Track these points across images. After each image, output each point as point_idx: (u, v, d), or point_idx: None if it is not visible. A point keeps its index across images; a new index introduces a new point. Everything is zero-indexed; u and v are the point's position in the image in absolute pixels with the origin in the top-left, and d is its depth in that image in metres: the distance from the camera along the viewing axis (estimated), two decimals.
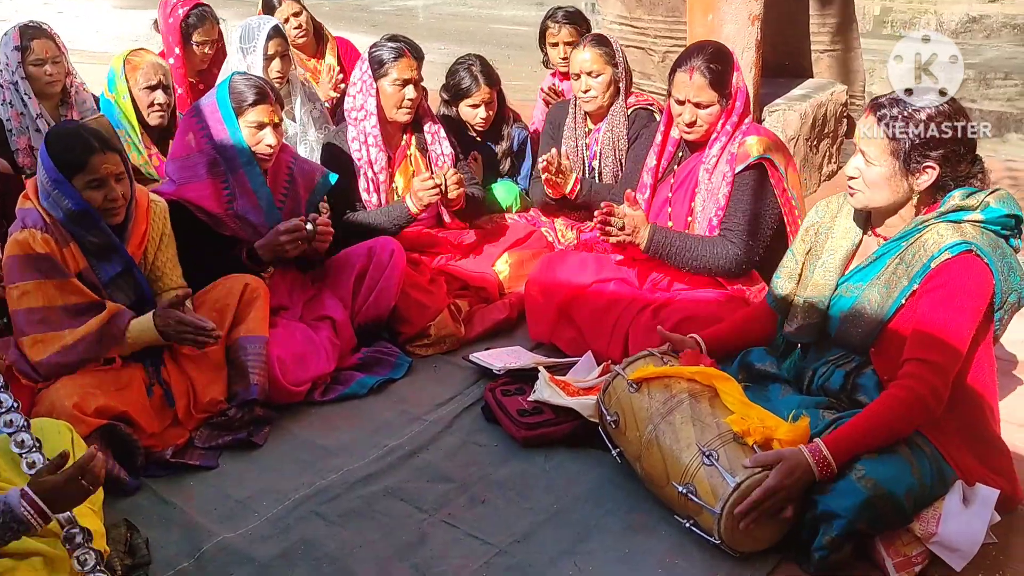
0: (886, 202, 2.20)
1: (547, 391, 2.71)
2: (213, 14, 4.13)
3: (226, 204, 3.00)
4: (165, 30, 4.02)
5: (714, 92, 2.86)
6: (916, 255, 2.14)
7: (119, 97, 3.42)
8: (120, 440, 2.49)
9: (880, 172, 2.16)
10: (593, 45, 3.55)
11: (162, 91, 3.43)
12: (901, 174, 2.15)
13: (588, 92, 3.56)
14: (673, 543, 2.22)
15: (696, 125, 2.92)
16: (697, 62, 2.85)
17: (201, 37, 4.03)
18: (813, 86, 4.60)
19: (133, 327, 2.58)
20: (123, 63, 3.42)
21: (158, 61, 3.49)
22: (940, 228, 2.13)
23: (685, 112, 2.90)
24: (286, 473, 2.58)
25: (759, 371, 2.49)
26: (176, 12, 4.00)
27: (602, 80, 3.54)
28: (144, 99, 3.42)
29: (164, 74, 3.45)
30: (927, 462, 2.07)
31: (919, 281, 2.13)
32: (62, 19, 10.71)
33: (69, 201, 2.50)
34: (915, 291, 2.14)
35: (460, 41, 8.95)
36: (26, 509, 1.73)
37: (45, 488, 1.76)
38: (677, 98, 2.90)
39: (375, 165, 3.43)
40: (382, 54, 3.40)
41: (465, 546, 2.28)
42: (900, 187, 2.17)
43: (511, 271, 3.53)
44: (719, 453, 2.13)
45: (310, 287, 3.26)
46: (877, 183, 2.18)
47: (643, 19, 4.69)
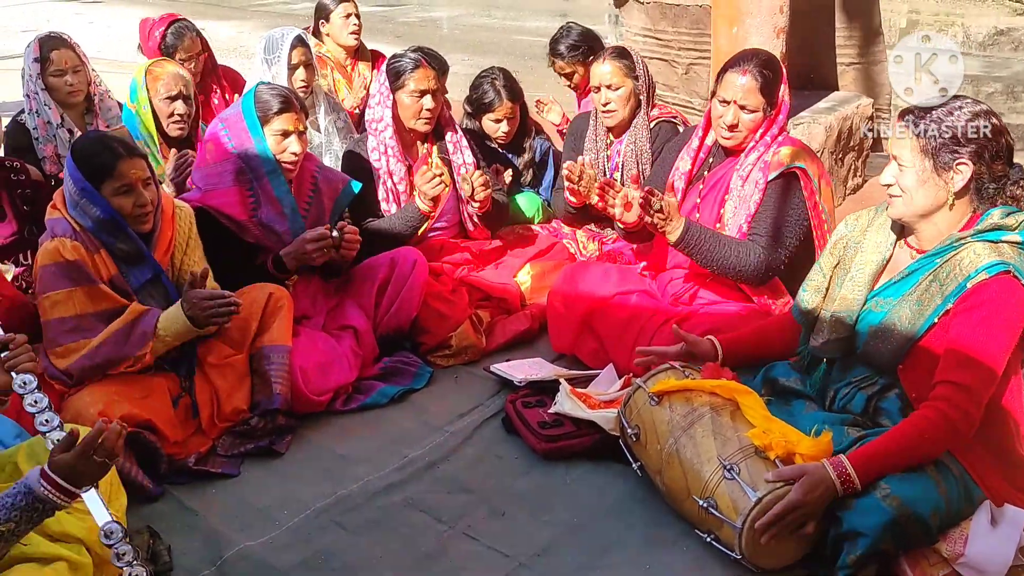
0: (924, 207, 2.17)
1: (568, 403, 2.70)
2: (191, 27, 4.08)
3: (251, 212, 3.02)
4: (148, 54, 3.99)
5: (762, 98, 2.85)
6: (951, 273, 2.11)
7: (140, 107, 3.42)
8: (144, 447, 2.51)
9: (914, 175, 2.14)
10: (613, 58, 3.53)
11: (182, 102, 3.43)
12: (935, 173, 2.12)
13: (608, 105, 3.54)
14: (694, 558, 2.21)
15: (736, 129, 2.89)
16: (750, 65, 2.85)
17: (183, 54, 3.99)
18: (839, 99, 4.57)
19: (163, 320, 2.58)
20: (144, 74, 3.43)
21: (179, 72, 3.49)
22: (977, 247, 2.10)
23: (728, 113, 2.88)
24: (307, 482, 2.59)
25: (783, 386, 2.47)
26: (153, 35, 3.98)
27: (622, 93, 3.52)
28: (164, 109, 3.42)
29: (185, 84, 3.45)
30: (954, 481, 2.05)
31: (954, 300, 2.10)
32: (93, 29, 10.87)
33: (97, 209, 2.53)
34: (949, 310, 2.10)
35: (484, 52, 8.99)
36: (46, 488, 1.75)
37: (60, 466, 1.78)
38: (723, 98, 2.89)
39: (394, 176, 3.44)
40: (399, 65, 3.41)
41: (485, 559, 2.27)
42: (936, 189, 2.14)
43: (533, 282, 3.53)
44: (740, 467, 2.11)
45: (333, 296, 3.27)
46: (913, 187, 2.15)
47: (667, 31, 4.69)
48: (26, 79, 3.56)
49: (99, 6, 14.09)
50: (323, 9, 4.56)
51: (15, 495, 1.75)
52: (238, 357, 2.79)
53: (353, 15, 4.52)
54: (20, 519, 1.74)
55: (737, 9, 3.84)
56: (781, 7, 3.84)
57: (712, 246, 2.86)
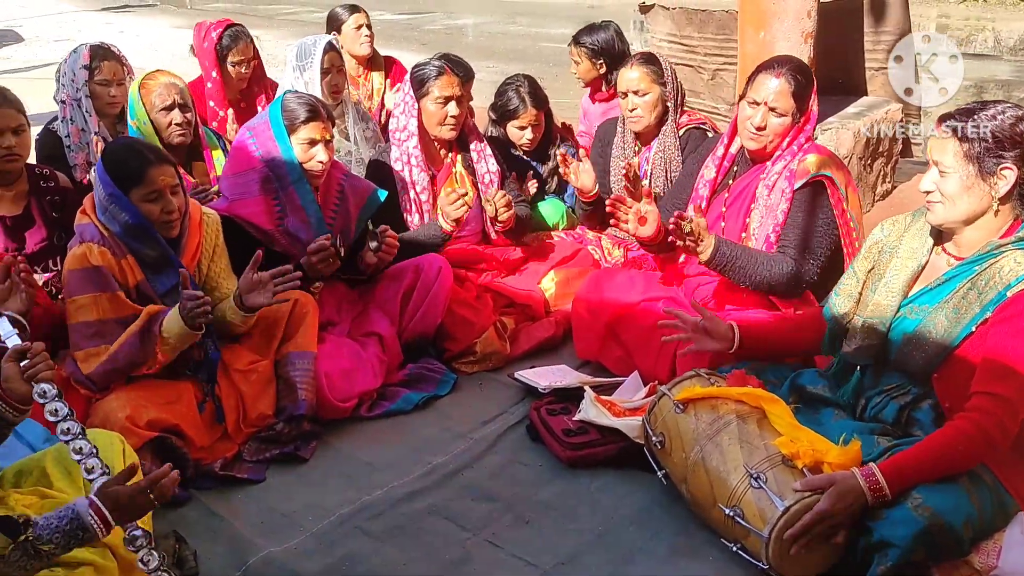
0: (966, 214, 2.13)
1: (593, 411, 2.68)
2: (246, 33, 4.15)
3: (277, 221, 3.04)
4: (201, 55, 4.06)
5: (792, 102, 2.83)
6: (990, 282, 2.08)
7: (139, 123, 3.38)
8: (171, 452, 2.53)
9: (958, 180, 2.10)
10: (641, 63, 3.51)
11: (178, 110, 3.37)
12: (979, 178, 2.09)
13: (634, 111, 3.52)
14: (720, 567, 2.19)
15: (764, 132, 2.86)
16: (784, 69, 2.84)
17: (236, 57, 4.06)
18: (867, 104, 4.52)
19: (166, 322, 2.56)
20: (138, 88, 3.38)
21: (171, 80, 3.42)
22: (1017, 255, 2.06)
23: (757, 115, 2.85)
24: (331, 488, 2.60)
25: (811, 394, 2.44)
26: (210, 36, 4.04)
27: (649, 99, 3.50)
28: (162, 121, 3.37)
29: (179, 92, 3.39)
30: (987, 491, 2.01)
31: (992, 309, 2.06)
32: (123, 38, 11.02)
33: (126, 215, 2.55)
34: (987, 319, 2.07)
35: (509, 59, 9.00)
36: (93, 518, 1.77)
37: (113, 497, 1.80)
38: (753, 99, 2.86)
39: (417, 186, 3.45)
40: (423, 73, 3.42)
41: (509, 567, 2.27)
42: (980, 194, 2.10)
43: (557, 289, 3.52)
44: (767, 476, 2.09)
45: (358, 303, 3.28)
46: (956, 193, 2.11)
47: (693, 37, 4.67)
48: (66, 84, 3.59)
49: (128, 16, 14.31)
50: (335, 20, 4.61)
51: (61, 518, 1.77)
52: (264, 363, 2.81)
53: (364, 26, 4.57)
54: (60, 543, 1.76)
55: (764, 13, 3.82)
56: (809, 11, 3.81)
57: (743, 262, 2.83)
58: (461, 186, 3.50)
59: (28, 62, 10.24)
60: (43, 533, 1.74)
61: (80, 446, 1.90)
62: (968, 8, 8.40)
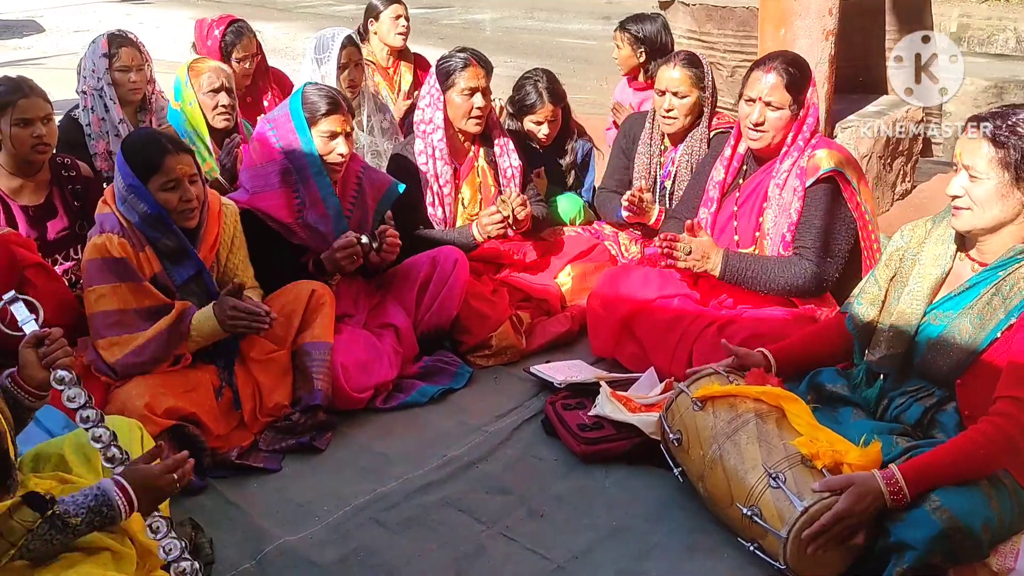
0: (995, 220, 2.10)
1: (608, 406, 2.68)
2: (249, 28, 4.17)
3: (297, 214, 3.05)
4: (205, 53, 4.06)
5: (787, 95, 2.81)
6: (1015, 287, 2.06)
7: (185, 104, 3.51)
8: (188, 440, 2.54)
9: (990, 187, 2.07)
10: (684, 65, 3.41)
11: (226, 93, 3.53)
12: (1012, 186, 2.05)
13: (671, 112, 3.44)
14: (736, 566, 2.18)
15: (763, 128, 2.85)
16: (775, 63, 2.84)
17: (241, 53, 4.07)
18: (888, 103, 4.49)
19: (195, 318, 2.61)
20: (187, 71, 3.52)
21: (220, 66, 3.59)
22: None
23: (754, 111, 2.84)
24: (347, 479, 2.60)
25: (830, 393, 2.42)
26: (212, 33, 4.06)
27: (687, 102, 3.42)
28: (209, 102, 3.51)
29: (227, 77, 3.55)
30: (1007, 495, 1.99)
31: (1018, 315, 2.04)
32: (143, 29, 11.06)
33: (144, 204, 2.57)
34: (1012, 325, 2.04)
35: (527, 55, 8.99)
36: (119, 496, 1.80)
37: (138, 477, 1.82)
38: (749, 96, 2.86)
39: (440, 179, 3.45)
40: (449, 65, 3.42)
41: (523, 560, 2.27)
42: (1011, 201, 2.07)
43: (574, 284, 3.51)
44: (786, 476, 2.08)
45: (375, 294, 3.29)
46: (988, 199, 2.08)
47: (712, 33, 4.63)
48: (87, 75, 3.63)
49: (149, 7, 14.37)
50: (373, 9, 4.62)
51: (87, 496, 1.80)
52: (280, 353, 2.82)
53: (403, 17, 4.59)
54: (86, 518, 1.78)
55: (785, 11, 3.79)
56: (830, 9, 3.78)
57: (757, 272, 2.81)
58: (483, 182, 3.50)
59: (48, 53, 10.30)
60: (70, 508, 1.76)
61: (99, 434, 1.91)
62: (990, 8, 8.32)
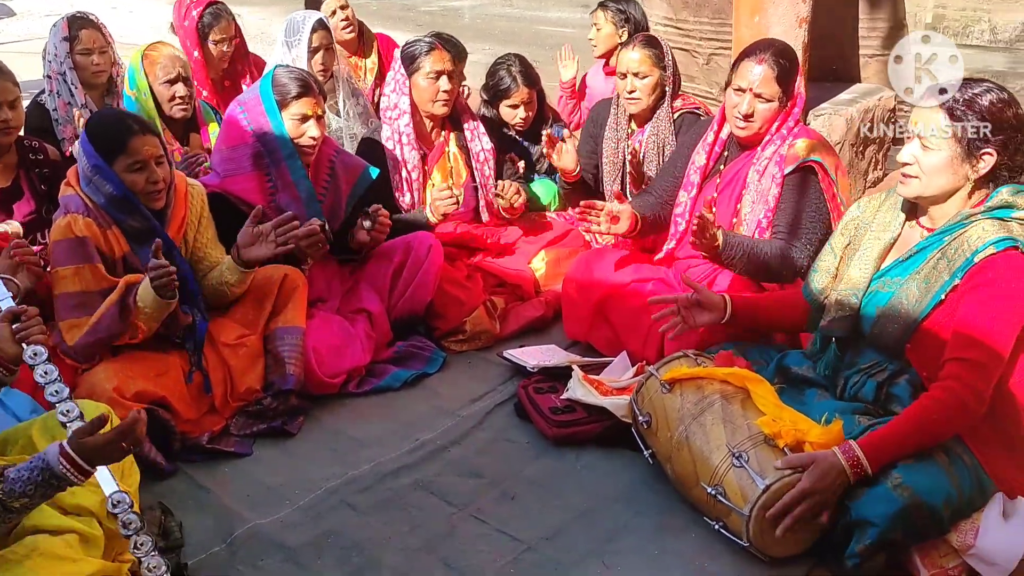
0: (940, 191, 2.14)
1: (580, 390, 2.70)
2: (227, 10, 4.08)
3: (269, 197, 3.03)
4: (182, 34, 4.00)
5: (777, 87, 2.82)
6: (959, 250, 2.09)
7: (140, 93, 3.39)
8: (157, 424, 2.52)
9: (940, 157, 2.10)
10: (643, 46, 3.47)
11: (182, 84, 3.41)
12: (961, 159, 2.09)
13: (633, 93, 3.50)
14: (703, 546, 2.20)
15: (751, 119, 2.86)
16: (766, 54, 2.82)
17: (218, 35, 3.99)
18: (861, 91, 4.51)
19: (140, 291, 2.53)
20: (141, 59, 3.39)
21: (176, 53, 3.45)
22: (985, 224, 2.07)
23: (743, 102, 2.84)
24: (318, 463, 2.61)
25: (796, 375, 2.45)
26: (191, 14, 3.97)
27: (648, 82, 3.48)
28: (165, 93, 3.40)
29: (183, 66, 3.42)
30: (966, 472, 2.03)
31: (961, 276, 2.07)
32: (116, 14, 10.91)
33: (110, 186, 2.53)
34: (956, 287, 2.08)
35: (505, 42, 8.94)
36: (64, 466, 1.77)
37: (85, 449, 1.80)
38: (739, 86, 2.85)
39: (408, 164, 3.44)
40: (414, 50, 3.41)
41: (494, 541, 2.28)
42: (959, 173, 2.11)
43: (548, 269, 3.53)
44: (749, 455, 2.11)
45: (348, 279, 3.28)
46: (937, 169, 2.11)
47: (688, 21, 4.64)
48: (50, 59, 3.57)
49: None
50: (314, 2, 4.47)
51: (32, 469, 1.77)
52: (252, 337, 2.81)
53: (339, 9, 4.39)
54: (34, 493, 1.76)
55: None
56: None
57: (747, 253, 2.83)
58: (455, 167, 3.50)
59: (20, 36, 10.15)
60: (15, 487, 1.74)
61: (68, 408, 1.91)
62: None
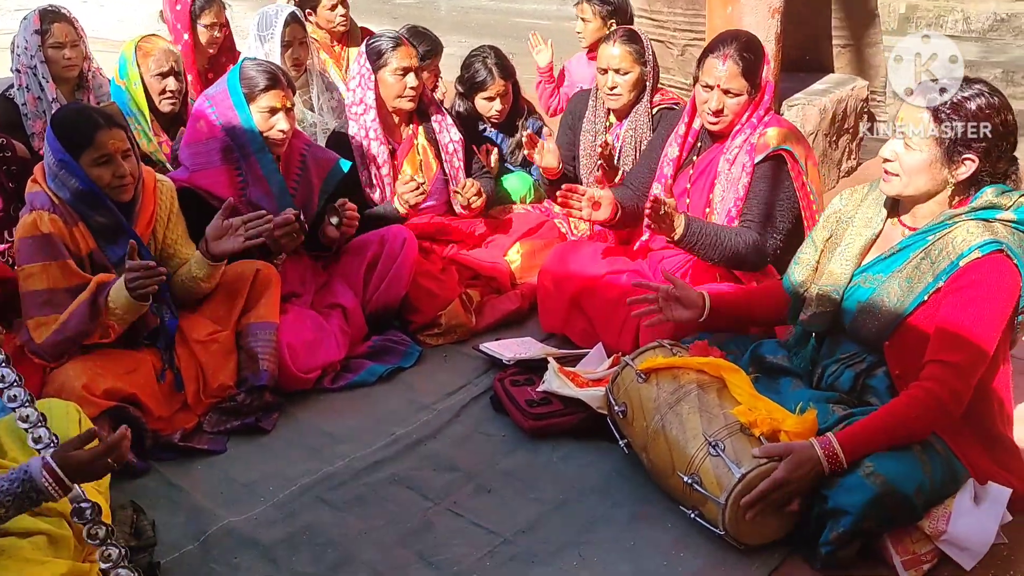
0: (920, 190, 2.14)
1: (556, 382, 2.69)
2: None
3: (240, 191, 3.00)
4: (173, 18, 3.99)
5: (745, 81, 2.82)
6: (943, 251, 2.09)
7: (130, 84, 3.41)
8: (128, 422, 2.47)
9: (920, 159, 2.10)
10: (624, 42, 3.42)
11: (174, 78, 3.43)
12: (942, 163, 2.09)
13: (614, 89, 3.45)
14: (679, 535, 2.21)
15: (722, 115, 2.86)
16: (730, 49, 2.81)
17: (209, 20, 3.99)
18: (833, 81, 4.54)
19: (112, 292, 2.49)
20: (135, 49, 3.40)
21: (169, 47, 3.48)
22: (970, 225, 2.07)
23: (712, 99, 2.84)
24: (293, 459, 2.59)
25: (771, 364, 2.46)
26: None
27: (629, 78, 3.43)
28: (156, 86, 3.42)
29: (176, 61, 3.45)
30: (939, 460, 2.04)
31: (945, 279, 2.07)
32: (86, 8, 10.78)
33: (76, 180, 2.50)
34: (940, 288, 2.08)
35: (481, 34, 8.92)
36: (47, 480, 1.74)
37: (71, 463, 1.77)
38: (706, 83, 2.84)
39: (377, 159, 3.41)
40: (380, 45, 3.37)
41: (470, 534, 2.27)
42: (938, 176, 2.11)
43: (523, 261, 3.51)
44: (725, 444, 2.11)
45: (322, 274, 3.26)
46: (917, 169, 2.11)
47: (662, 12, 4.65)
48: (20, 52, 3.53)
49: None
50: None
51: (12, 481, 1.74)
52: (224, 333, 2.79)
53: (339, 4, 4.39)
54: (11, 504, 1.74)
55: None
56: None
57: (712, 238, 2.82)
58: (424, 160, 3.48)
59: None
60: None
61: (27, 414, 1.87)
62: None
